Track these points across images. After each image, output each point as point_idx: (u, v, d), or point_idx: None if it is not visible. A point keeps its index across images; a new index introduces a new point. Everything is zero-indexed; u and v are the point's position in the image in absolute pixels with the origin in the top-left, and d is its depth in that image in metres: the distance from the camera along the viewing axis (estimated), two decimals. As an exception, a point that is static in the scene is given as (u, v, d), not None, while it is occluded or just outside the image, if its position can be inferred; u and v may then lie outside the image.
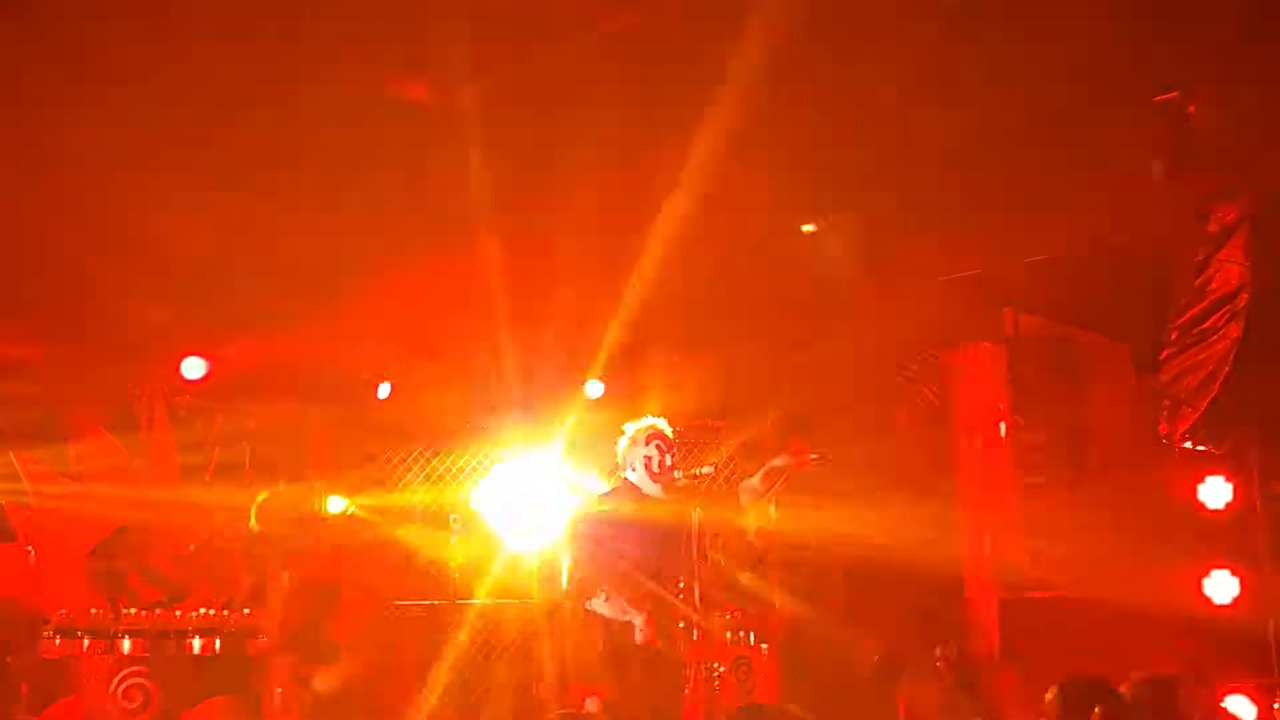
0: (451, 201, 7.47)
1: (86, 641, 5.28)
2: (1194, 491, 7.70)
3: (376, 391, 9.43)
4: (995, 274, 8.43)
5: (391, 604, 9.07)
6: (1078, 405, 9.00)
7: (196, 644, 5.35)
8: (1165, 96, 6.41)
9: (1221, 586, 7.59)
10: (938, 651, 7.86)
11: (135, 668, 5.17)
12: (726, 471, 8.52)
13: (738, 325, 8.46)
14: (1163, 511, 7.76)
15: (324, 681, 7.98)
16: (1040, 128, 6.73)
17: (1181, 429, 6.48)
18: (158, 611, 5.57)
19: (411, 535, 9.25)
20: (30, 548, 6.62)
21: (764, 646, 8.39)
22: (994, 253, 8.24)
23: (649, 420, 6.53)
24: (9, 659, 6.05)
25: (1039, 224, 7.70)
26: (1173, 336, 6.65)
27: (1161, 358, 6.71)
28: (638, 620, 6.03)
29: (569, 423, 9.18)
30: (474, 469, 9.32)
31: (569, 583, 6.21)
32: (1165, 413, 6.62)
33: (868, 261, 8.06)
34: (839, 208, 7.83)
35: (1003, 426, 8.98)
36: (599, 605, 6.11)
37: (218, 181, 7.68)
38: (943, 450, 9.15)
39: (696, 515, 6.15)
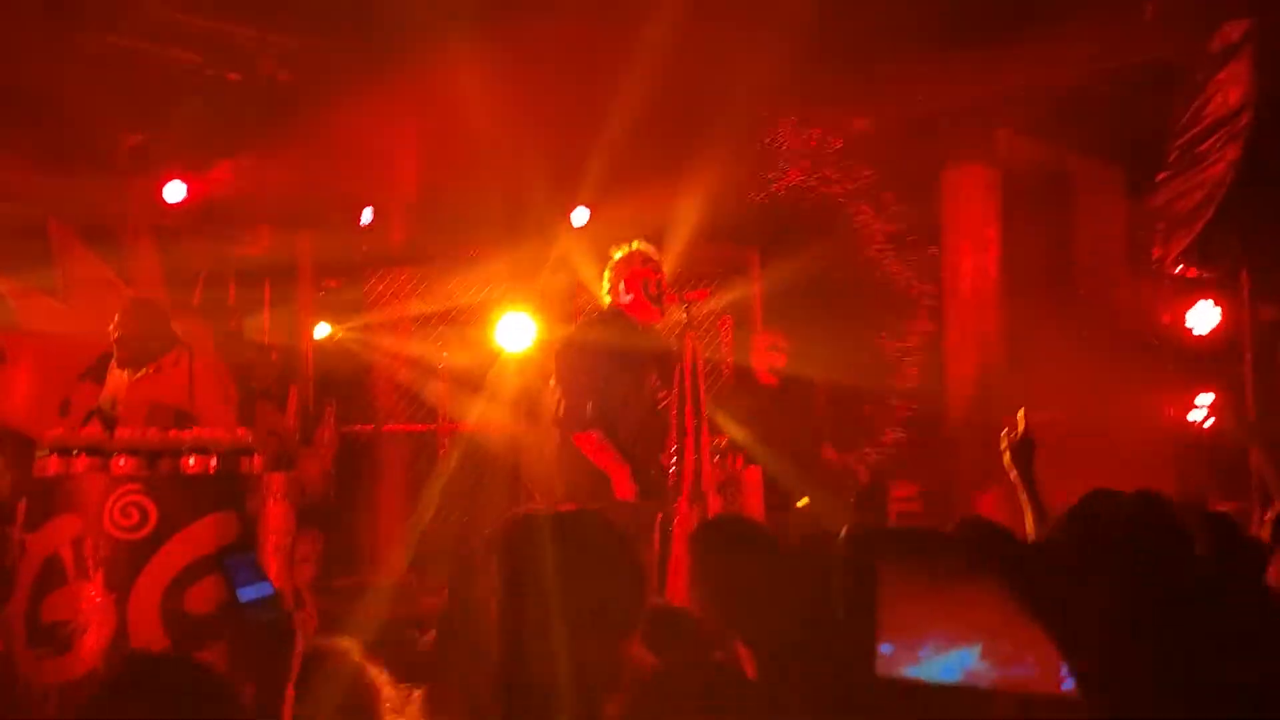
0: (437, 17, 7.29)
1: (82, 460, 5.26)
2: (1182, 317, 7.75)
3: (360, 217, 9.34)
4: (990, 96, 8.31)
5: (380, 428, 9.17)
6: (1069, 229, 8.99)
7: (191, 462, 5.34)
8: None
9: (1205, 411, 7.70)
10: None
11: (131, 486, 5.17)
12: (715, 298, 8.55)
13: (727, 148, 8.34)
14: (1150, 336, 7.83)
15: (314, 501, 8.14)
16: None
17: (1175, 252, 6.46)
18: (151, 430, 5.55)
19: (399, 360, 9.28)
20: (19, 369, 6.59)
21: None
22: (990, 75, 8.11)
23: (637, 244, 6.41)
24: (4, 480, 6.09)
25: (1036, 45, 7.56)
26: (1170, 159, 6.58)
27: (1157, 180, 6.65)
28: (617, 475, 5.96)
29: (552, 250, 9.13)
30: (461, 296, 9.28)
31: (561, 416, 6.13)
32: (1159, 236, 6.59)
33: (863, 81, 7.93)
34: (827, 28, 7.64)
35: (993, 250, 8.97)
36: (586, 445, 6.03)
37: (198, 2, 7.51)
38: (933, 273, 9.16)
39: (688, 339, 6.05)
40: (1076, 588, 1.90)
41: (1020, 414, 3.53)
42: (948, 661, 1.96)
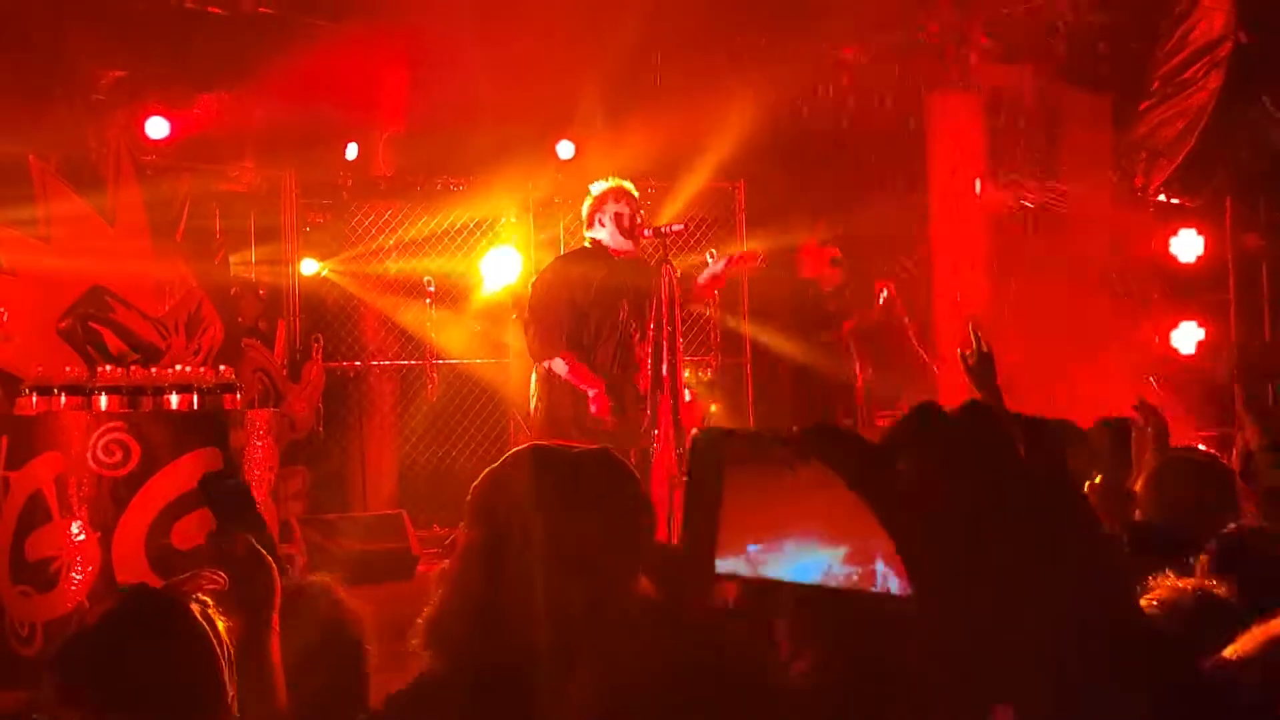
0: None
1: (64, 399, 5.29)
2: (1166, 245, 7.75)
3: (345, 152, 9.29)
4: (977, 22, 8.25)
5: (367, 363, 9.18)
6: (1055, 158, 8.95)
7: (174, 400, 5.37)
8: None
9: (1188, 338, 7.72)
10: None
11: (113, 423, 5.20)
12: (696, 230, 8.53)
13: (710, 85, 8.29)
14: (1134, 264, 7.83)
15: (303, 436, 8.18)
16: None
17: (1157, 181, 6.46)
18: (134, 369, 5.57)
19: (386, 295, 9.27)
20: (2, 309, 6.58)
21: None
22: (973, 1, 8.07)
23: (615, 180, 6.41)
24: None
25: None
26: (1153, 87, 6.56)
27: (1141, 109, 6.63)
28: (591, 392, 6.01)
29: (539, 182, 9.09)
30: (446, 229, 9.25)
31: (533, 344, 6.17)
32: (1142, 164, 6.58)
33: (847, 7, 7.85)
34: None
35: (978, 182, 8.94)
36: (559, 368, 6.09)
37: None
38: (918, 206, 9.13)
39: (668, 271, 6.06)
40: (912, 494, 1.93)
41: (971, 329, 3.51)
42: (808, 562, 1.99)
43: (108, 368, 5.62)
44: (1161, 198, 6.55)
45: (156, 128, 8.47)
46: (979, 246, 8.93)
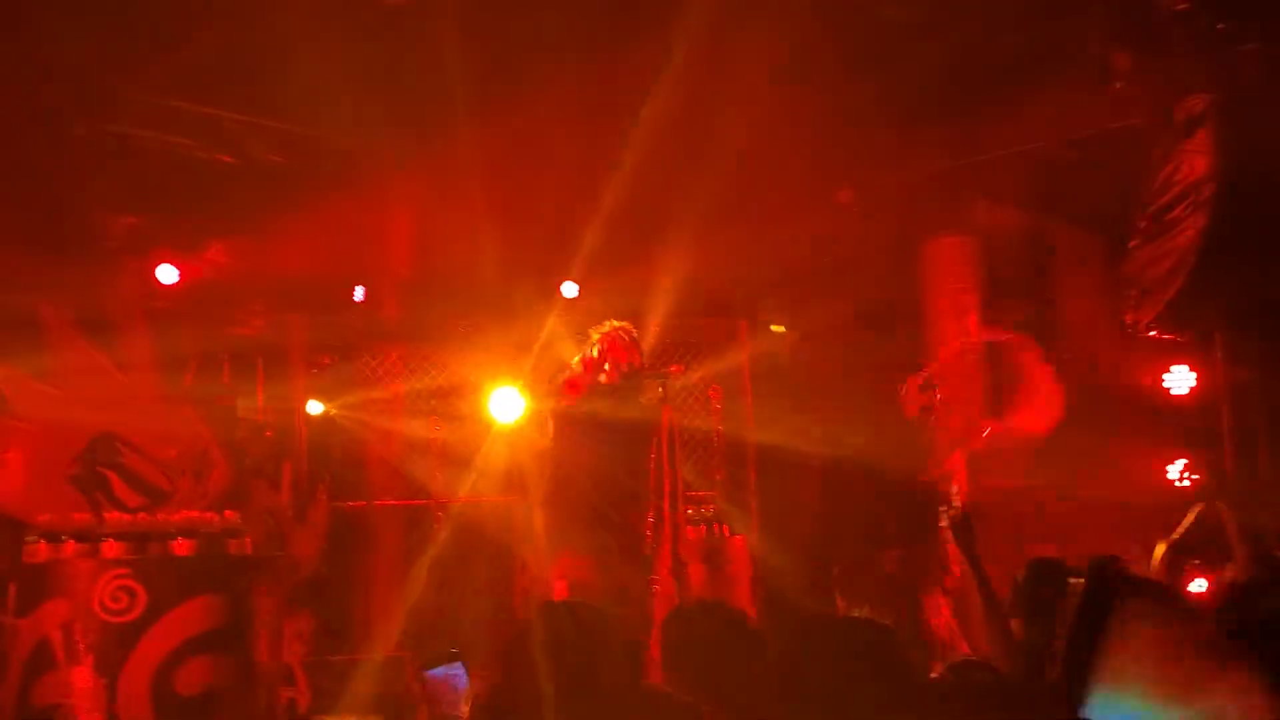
0: (428, 102, 7.45)
1: (71, 545, 5.35)
2: (1160, 379, 7.85)
3: (352, 294, 9.46)
4: (967, 167, 8.47)
5: (373, 504, 9.22)
6: (1048, 296, 9.11)
7: (180, 546, 5.43)
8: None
9: (1183, 473, 7.76)
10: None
11: (120, 570, 5.26)
12: (697, 372, 8.65)
13: (712, 225, 8.48)
14: (1128, 400, 7.91)
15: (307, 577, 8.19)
16: (1009, 18, 6.73)
17: (1147, 318, 6.57)
18: (140, 515, 5.64)
19: (391, 436, 9.35)
20: (11, 455, 6.67)
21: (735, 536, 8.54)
22: (966, 146, 8.28)
23: (614, 322, 6.56)
24: (-3, 563, 6.16)
25: (1011, 117, 7.73)
26: (1141, 226, 6.72)
27: (1130, 247, 6.78)
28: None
29: (545, 323, 9.24)
30: (452, 370, 9.38)
31: (541, 482, 6.27)
32: (1132, 301, 6.70)
33: (841, 155, 8.07)
34: (812, 107, 7.81)
35: (974, 318, 9.08)
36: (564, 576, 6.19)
37: (190, 89, 7.67)
38: (916, 345, 9.25)
39: (665, 415, 6.18)
40: None
41: (954, 489, 3.57)
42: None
43: (115, 514, 5.69)
44: (1152, 333, 6.66)
45: (167, 274, 8.64)
46: (975, 379, 9.04)
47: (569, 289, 9.41)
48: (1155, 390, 7.75)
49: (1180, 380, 7.66)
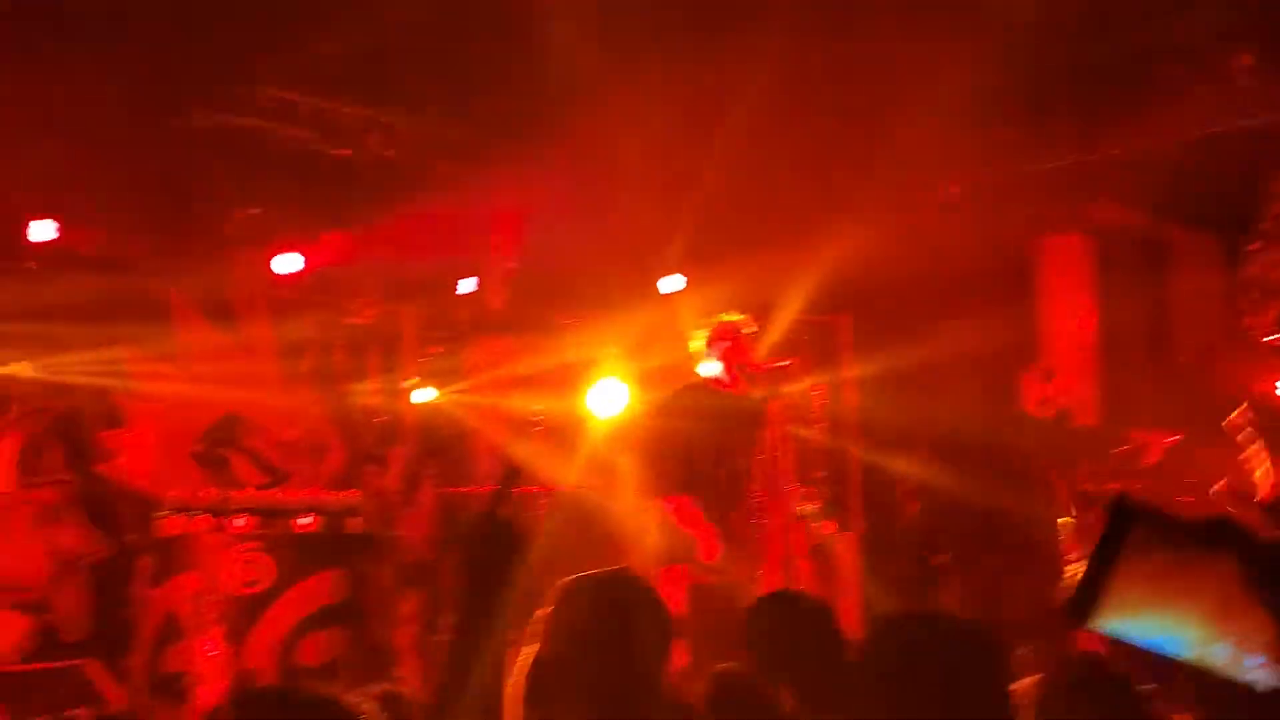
0: (533, 95, 7.56)
1: (201, 520, 5.53)
2: (1273, 387, 7.69)
3: (462, 285, 9.62)
4: (1085, 165, 8.37)
5: (479, 490, 9.35)
6: (1164, 297, 8.97)
7: (302, 522, 5.59)
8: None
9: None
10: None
11: (248, 544, 5.44)
12: (805, 367, 8.64)
13: (822, 216, 8.48)
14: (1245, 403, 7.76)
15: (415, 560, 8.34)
16: (1132, 16, 6.66)
17: (1267, 321, 6.47)
18: (265, 492, 5.83)
19: (497, 424, 9.49)
20: (140, 434, 6.91)
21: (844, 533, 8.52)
22: (1085, 143, 8.19)
23: (724, 315, 6.60)
24: (128, 538, 6.38)
25: (1132, 115, 7.64)
26: (1263, 228, 6.61)
27: (1250, 250, 6.68)
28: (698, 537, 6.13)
29: (646, 318, 9.31)
30: (558, 360, 9.49)
31: (645, 484, 6.34)
32: (1251, 305, 6.60)
33: (957, 152, 8.03)
34: (921, 101, 7.78)
35: (1088, 319, 8.98)
36: (668, 510, 6.22)
37: (310, 83, 7.87)
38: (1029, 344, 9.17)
39: (773, 409, 6.21)
40: None
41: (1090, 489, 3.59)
42: (1184, 638, 2.14)
43: (241, 491, 5.87)
44: (1273, 338, 6.55)
45: (286, 263, 8.86)
46: (1089, 380, 8.94)
47: (675, 282, 9.47)
48: (1271, 396, 7.60)
49: (1296, 386, 7.50)
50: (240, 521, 5.50)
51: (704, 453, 6.35)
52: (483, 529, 2.57)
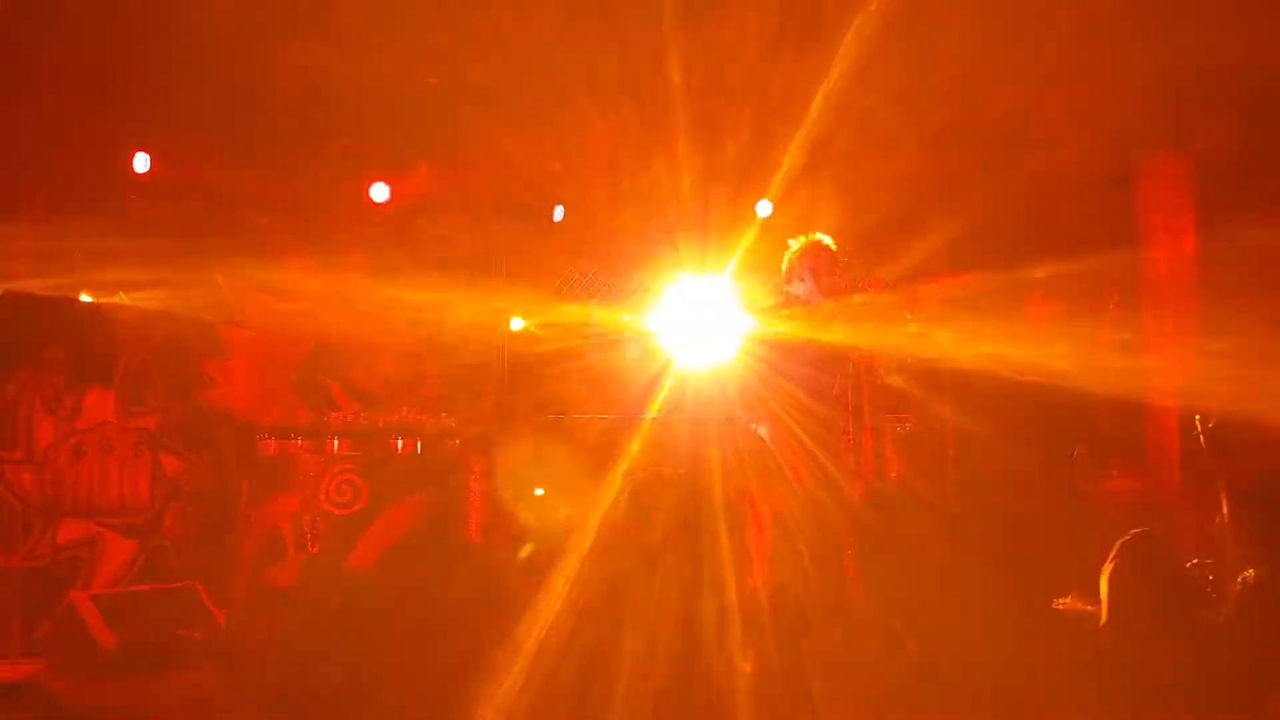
0: (631, 27, 7.51)
1: (299, 443, 5.67)
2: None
3: (553, 213, 9.65)
4: (1188, 80, 8.11)
5: (568, 416, 9.45)
6: (1269, 222, 8.69)
7: (399, 445, 5.71)
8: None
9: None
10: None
11: (344, 465, 5.56)
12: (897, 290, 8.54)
13: (918, 142, 8.35)
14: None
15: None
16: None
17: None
18: (361, 414, 5.94)
19: (587, 352, 9.55)
20: (238, 361, 7.06)
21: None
22: (1188, 58, 7.92)
23: (813, 235, 6.55)
24: (229, 461, 6.56)
25: (1235, 25, 7.38)
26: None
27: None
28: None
29: (741, 241, 9.26)
30: (648, 288, 9.50)
31: (738, 404, 6.35)
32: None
33: (1055, 70, 7.83)
34: (1022, 21, 7.59)
35: (1190, 243, 8.77)
36: (763, 433, 6.24)
37: (399, 17, 7.89)
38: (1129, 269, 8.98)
39: (864, 328, 6.17)
40: None
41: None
42: None
43: (337, 414, 5.99)
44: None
45: (379, 192, 8.96)
46: (1189, 311, 8.74)
47: (764, 207, 9.41)
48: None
49: None
50: (337, 444, 5.62)
51: (794, 378, 6.34)
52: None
